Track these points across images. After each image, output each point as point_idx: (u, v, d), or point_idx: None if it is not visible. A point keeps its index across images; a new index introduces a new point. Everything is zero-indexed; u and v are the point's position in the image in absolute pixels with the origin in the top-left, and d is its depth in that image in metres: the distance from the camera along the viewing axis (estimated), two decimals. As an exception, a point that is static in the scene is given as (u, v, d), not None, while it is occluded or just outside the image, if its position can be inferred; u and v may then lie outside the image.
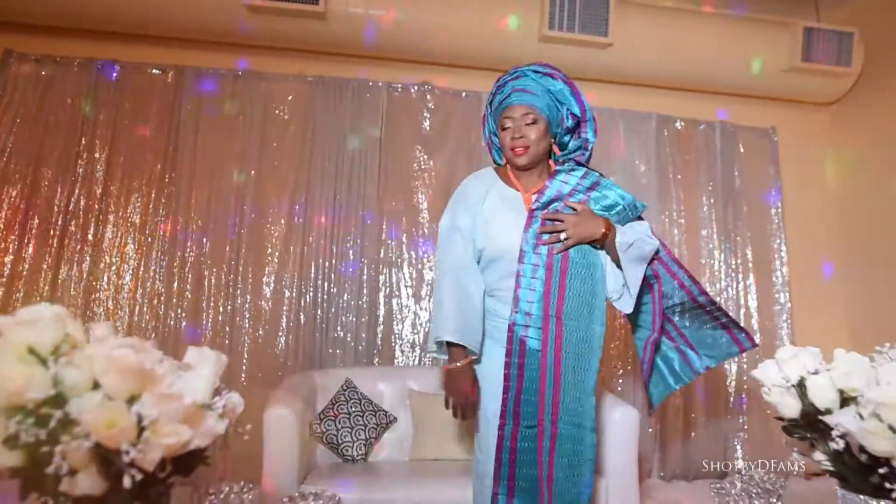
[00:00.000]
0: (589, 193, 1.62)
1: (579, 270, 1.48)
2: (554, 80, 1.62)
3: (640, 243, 1.55)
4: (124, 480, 0.58)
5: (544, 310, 1.44)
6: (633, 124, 3.74)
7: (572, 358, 1.45)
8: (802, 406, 0.83)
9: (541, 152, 1.61)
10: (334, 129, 3.34)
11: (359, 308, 3.18)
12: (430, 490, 1.84)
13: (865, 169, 3.94)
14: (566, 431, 1.41)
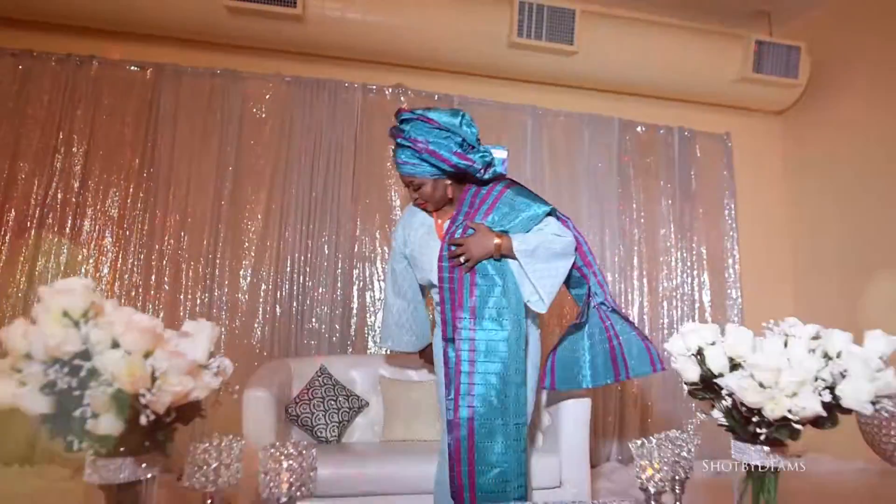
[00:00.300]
0: (492, 209, 1.76)
1: (485, 283, 1.68)
2: (416, 150, 1.73)
3: (547, 243, 1.71)
4: (141, 418, 0.72)
5: (457, 315, 1.70)
6: (596, 128, 3.95)
7: (482, 355, 1.65)
8: (701, 371, 1.01)
9: (440, 197, 1.79)
10: (310, 128, 3.46)
11: (333, 300, 3.31)
12: (399, 466, 1.99)
13: (813, 173, 4.24)
14: (480, 414, 1.64)
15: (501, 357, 1.66)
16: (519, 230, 1.73)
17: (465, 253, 1.68)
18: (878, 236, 3.57)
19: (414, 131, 1.73)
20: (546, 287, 1.69)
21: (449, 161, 1.70)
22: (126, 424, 0.74)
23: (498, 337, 1.66)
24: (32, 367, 0.72)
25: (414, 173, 1.75)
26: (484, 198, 1.79)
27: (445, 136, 1.71)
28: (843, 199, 3.87)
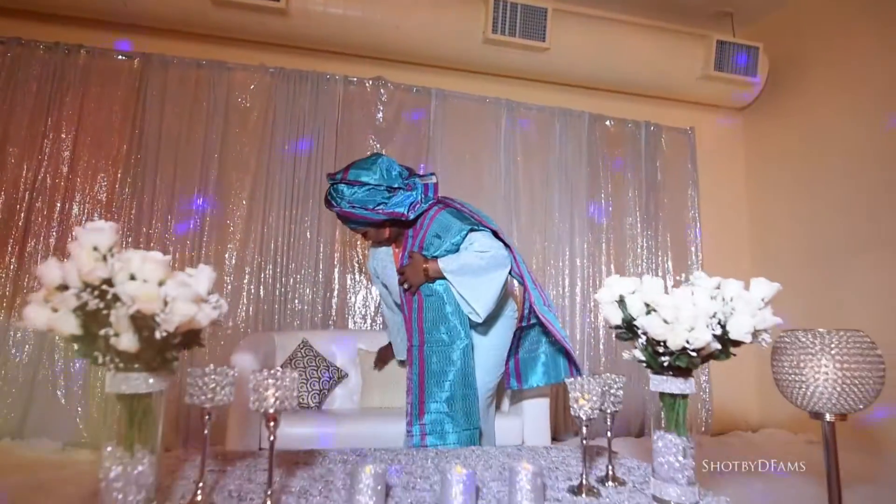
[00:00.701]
0: (425, 236, 1.98)
1: (430, 302, 1.94)
2: (350, 215, 1.94)
3: (471, 259, 1.89)
4: (155, 334, 0.89)
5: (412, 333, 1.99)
6: (567, 122, 4.16)
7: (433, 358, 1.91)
8: (623, 315, 1.21)
9: (386, 236, 2.03)
10: (293, 118, 3.61)
11: (315, 282, 3.47)
12: (373, 427, 2.17)
13: (772, 166, 4.51)
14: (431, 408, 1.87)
15: (454, 367, 1.89)
16: (449, 252, 1.92)
17: (406, 280, 1.94)
18: (831, 225, 3.83)
19: (340, 197, 1.93)
20: (479, 299, 1.88)
21: (375, 220, 1.94)
22: (141, 343, 0.91)
23: (449, 350, 1.90)
24: (66, 295, 0.88)
25: (354, 228, 2.01)
26: (421, 224, 2.00)
27: (369, 190, 1.90)
28: (799, 191, 4.14)
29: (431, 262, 1.91)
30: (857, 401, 1.52)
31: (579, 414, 1.25)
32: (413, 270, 1.92)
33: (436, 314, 1.92)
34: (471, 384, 1.93)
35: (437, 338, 1.92)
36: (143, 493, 0.96)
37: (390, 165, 1.97)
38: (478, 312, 1.89)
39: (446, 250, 1.92)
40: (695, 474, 1.20)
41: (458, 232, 1.92)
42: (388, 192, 1.91)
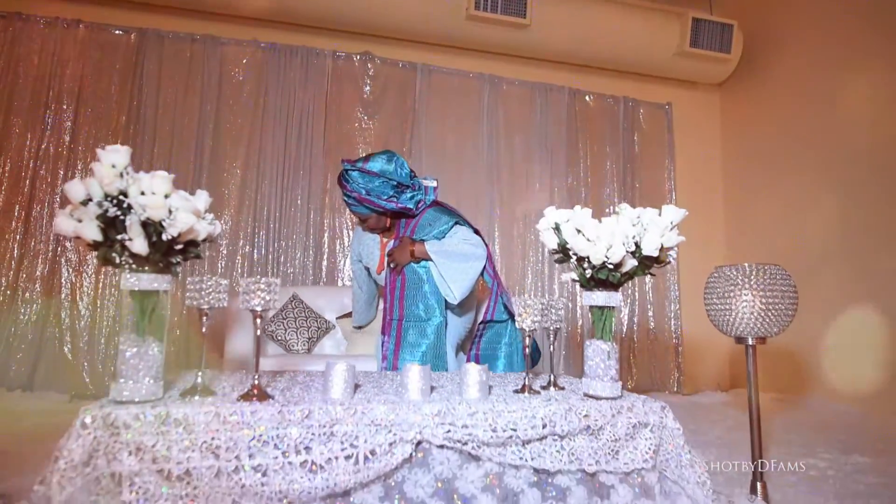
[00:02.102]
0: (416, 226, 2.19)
1: (411, 281, 2.15)
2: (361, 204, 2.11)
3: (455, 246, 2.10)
4: (163, 236, 1.09)
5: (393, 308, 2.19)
6: (548, 97, 4.34)
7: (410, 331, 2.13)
8: (558, 240, 1.41)
9: (383, 226, 2.22)
10: (284, 90, 3.78)
11: (306, 246, 3.67)
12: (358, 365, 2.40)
13: (746, 141, 4.71)
14: None
15: (428, 340, 2.09)
16: (433, 239, 2.12)
17: (392, 262, 2.14)
18: (805, 198, 4.03)
19: (354, 183, 2.09)
20: (457, 281, 2.05)
21: (385, 208, 2.11)
22: (150, 247, 1.11)
23: (425, 325, 2.13)
24: (89, 206, 1.08)
25: (359, 213, 2.16)
26: (411, 218, 2.22)
27: (382, 182, 2.08)
28: (774, 164, 4.34)
29: (418, 244, 2.10)
30: (774, 325, 1.74)
31: (523, 326, 1.46)
32: (400, 251, 2.11)
33: (416, 292, 2.15)
34: (441, 356, 2.14)
35: (415, 313, 2.14)
36: (152, 372, 1.17)
37: (403, 164, 2.16)
38: (454, 294, 2.09)
39: (433, 237, 2.12)
40: (618, 374, 1.42)
41: (445, 222, 2.13)
42: (398, 187, 2.10)
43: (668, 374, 4.43)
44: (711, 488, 1.30)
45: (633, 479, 1.32)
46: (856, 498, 1.98)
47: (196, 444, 1.11)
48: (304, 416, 1.16)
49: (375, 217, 2.16)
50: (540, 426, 1.25)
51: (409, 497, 1.20)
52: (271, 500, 1.12)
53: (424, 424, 1.20)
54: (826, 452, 2.60)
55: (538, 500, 1.26)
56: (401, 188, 2.12)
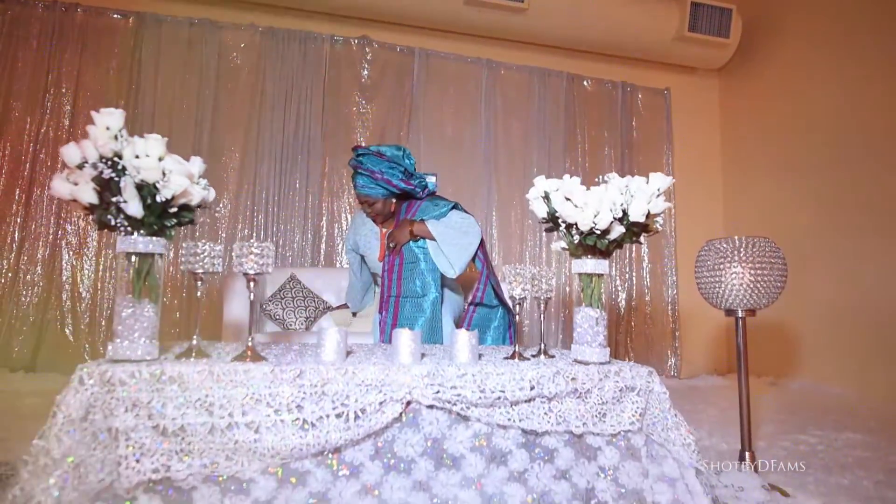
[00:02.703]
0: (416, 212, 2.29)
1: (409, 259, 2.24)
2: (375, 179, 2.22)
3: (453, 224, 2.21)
4: (157, 198, 1.11)
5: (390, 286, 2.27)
6: (546, 81, 4.34)
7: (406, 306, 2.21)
8: (548, 209, 1.43)
9: (387, 211, 2.31)
10: (282, 75, 3.79)
11: (304, 230, 3.70)
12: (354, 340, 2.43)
13: (746, 126, 4.71)
14: None
15: (424, 315, 2.18)
16: (432, 219, 2.24)
17: (392, 240, 2.23)
18: (804, 183, 4.04)
19: (369, 163, 2.21)
20: (456, 255, 2.16)
21: (398, 186, 2.22)
22: (145, 210, 1.13)
23: (421, 301, 2.20)
24: (85, 169, 1.10)
25: (370, 194, 2.25)
26: (410, 207, 2.33)
27: (392, 167, 2.21)
28: (773, 150, 4.34)
29: (417, 223, 2.20)
30: (764, 297, 1.76)
31: (512, 294, 1.48)
32: (400, 230, 2.22)
33: (412, 270, 2.23)
34: (437, 331, 2.20)
35: (412, 289, 2.21)
36: (147, 333, 1.20)
37: (410, 156, 2.31)
38: (454, 269, 2.18)
39: (433, 217, 2.23)
40: (606, 341, 1.44)
41: (444, 206, 2.26)
42: (405, 174, 2.24)
43: (665, 359, 4.46)
44: (696, 450, 1.33)
45: (619, 441, 1.35)
46: (843, 469, 2.01)
47: (190, 401, 1.13)
48: (295, 375, 1.19)
49: (383, 201, 2.27)
50: (528, 388, 1.27)
51: (399, 456, 1.23)
52: (264, 456, 1.15)
53: (414, 385, 1.23)
54: (818, 430, 2.63)
55: (526, 461, 1.29)
56: (408, 175, 2.26)
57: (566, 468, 1.31)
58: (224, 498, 1.14)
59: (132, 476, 1.09)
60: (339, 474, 1.20)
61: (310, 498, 1.17)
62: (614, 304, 4.38)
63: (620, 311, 4.41)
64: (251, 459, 1.15)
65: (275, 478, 1.17)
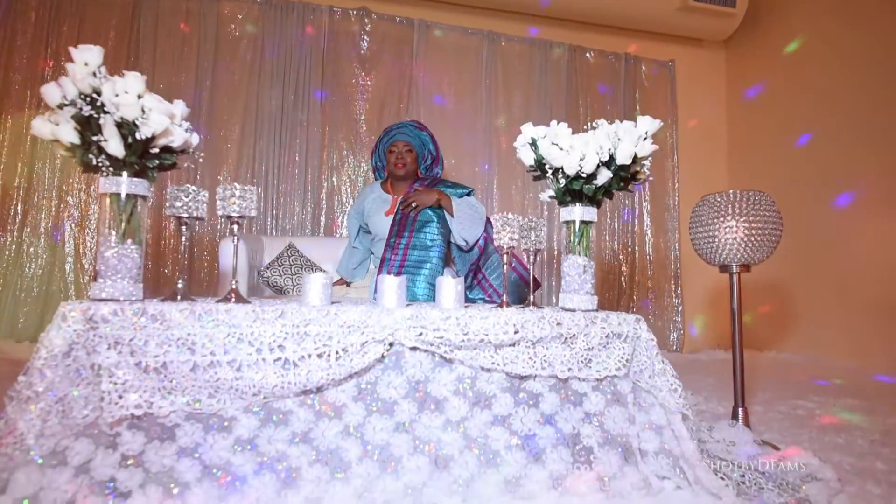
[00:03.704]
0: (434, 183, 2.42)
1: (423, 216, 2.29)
2: (422, 132, 2.47)
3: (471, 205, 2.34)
4: (136, 135, 1.11)
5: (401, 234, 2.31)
6: (548, 54, 4.28)
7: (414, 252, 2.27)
8: (535, 156, 1.41)
9: (412, 171, 2.46)
10: (281, 47, 3.77)
11: (304, 202, 3.70)
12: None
13: (752, 98, 4.62)
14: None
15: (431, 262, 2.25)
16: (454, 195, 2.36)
17: (415, 200, 2.27)
18: (814, 157, 3.97)
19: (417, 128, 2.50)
20: (467, 231, 2.26)
21: (431, 151, 2.50)
22: (126, 149, 1.13)
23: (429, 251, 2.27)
24: (65, 109, 1.10)
25: (410, 142, 2.44)
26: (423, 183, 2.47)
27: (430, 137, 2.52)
28: (779, 122, 4.26)
29: (446, 197, 2.29)
30: (758, 251, 1.74)
31: (501, 243, 1.47)
32: (426, 193, 2.28)
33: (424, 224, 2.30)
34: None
35: (422, 239, 2.27)
36: (131, 273, 1.20)
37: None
38: (466, 242, 2.28)
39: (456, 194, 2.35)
40: (594, 289, 1.43)
41: (463, 189, 2.39)
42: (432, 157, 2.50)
43: (668, 334, 4.44)
44: (682, 395, 1.32)
45: (605, 387, 1.34)
46: (838, 430, 2.00)
47: (172, 339, 1.14)
48: (277, 315, 1.19)
49: (414, 157, 2.44)
50: (511, 331, 1.27)
51: (382, 398, 1.23)
52: (245, 394, 1.15)
53: (397, 327, 1.22)
54: (817, 396, 2.61)
55: (510, 405, 1.29)
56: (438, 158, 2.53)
57: (551, 413, 1.30)
58: (207, 435, 1.15)
59: (115, 411, 1.10)
60: (322, 414, 1.20)
61: (293, 437, 1.18)
62: (615, 278, 4.36)
63: (623, 287, 4.38)
64: (233, 398, 1.16)
65: (257, 416, 1.18)
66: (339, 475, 1.17)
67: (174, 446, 1.14)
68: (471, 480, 1.22)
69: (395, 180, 2.50)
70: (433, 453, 1.22)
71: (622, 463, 1.29)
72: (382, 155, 2.56)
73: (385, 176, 2.55)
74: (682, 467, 1.31)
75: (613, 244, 4.39)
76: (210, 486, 1.13)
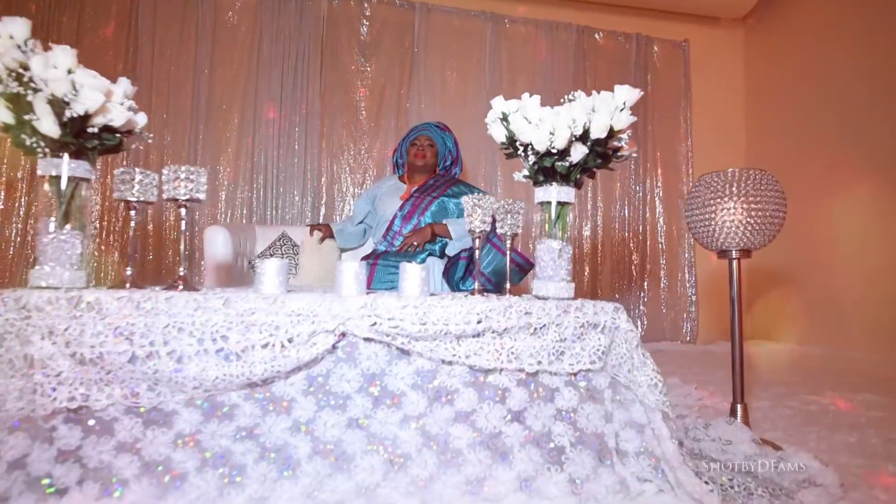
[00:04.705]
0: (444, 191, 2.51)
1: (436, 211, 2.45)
2: (445, 133, 2.65)
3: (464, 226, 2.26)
4: (67, 113, 1.05)
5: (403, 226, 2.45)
6: (554, 35, 4.12)
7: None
8: (506, 132, 1.31)
9: (431, 164, 2.60)
10: (280, 34, 3.70)
11: (304, 191, 3.64)
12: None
13: (773, 80, 4.39)
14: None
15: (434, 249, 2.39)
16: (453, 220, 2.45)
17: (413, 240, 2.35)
18: (841, 144, 3.75)
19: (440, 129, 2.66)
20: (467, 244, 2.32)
21: (451, 150, 2.64)
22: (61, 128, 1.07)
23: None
24: (-7, 85, 1.05)
25: (433, 137, 2.60)
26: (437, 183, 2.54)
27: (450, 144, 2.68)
28: (801, 105, 4.03)
29: (439, 225, 2.39)
30: (759, 235, 1.60)
31: (472, 227, 1.38)
32: (419, 233, 2.37)
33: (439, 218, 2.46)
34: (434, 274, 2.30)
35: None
36: (72, 260, 1.15)
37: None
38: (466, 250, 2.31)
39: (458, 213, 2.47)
40: (570, 275, 1.33)
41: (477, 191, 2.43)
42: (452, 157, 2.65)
43: (681, 325, 4.28)
44: (664, 391, 1.21)
45: (579, 382, 1.24)
46: (852, 429, 1.85)
47: (109, 329, 1.08)
48: (220, 303, 1.12)
49: (434, 152, 2.58)
50: (474, 321, 1.17)
51: (335, 391, 1.16)
52: (185, 387, 1.09)
53: (348, 316, 1.14)
54: (833, 391, 2.45)
55: (474, 401, 1.20)
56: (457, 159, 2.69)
57: (519, 409, 1.21)
58: (146, 430, 1.09)
59: (48, 404, 1.05)
60: (269, 409, 1.13)
61: (237, 432, 1.12)
62: (625, 267, 4.21)
63: (633, 276, 4.23)
64: (173, 391, 1.09)
65: (200, 410, 1.11)
66: (286, 473, 1.10)
67: (113, 441, 1.08)
68: (430, 480, 1.14)
69: (413, 172, 2.59)
70: (389, 451, 1.15)
71: (596, 464, 1.19)
72: (404, 151, 2.68)
73: (404, 172, 2.67)
74: (664, 469, 1.21)
75: (624, 232, 4.24)
76: (149, 484, 1.07)
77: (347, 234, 2.70)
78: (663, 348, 3.98)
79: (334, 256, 2.71)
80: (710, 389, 2.48)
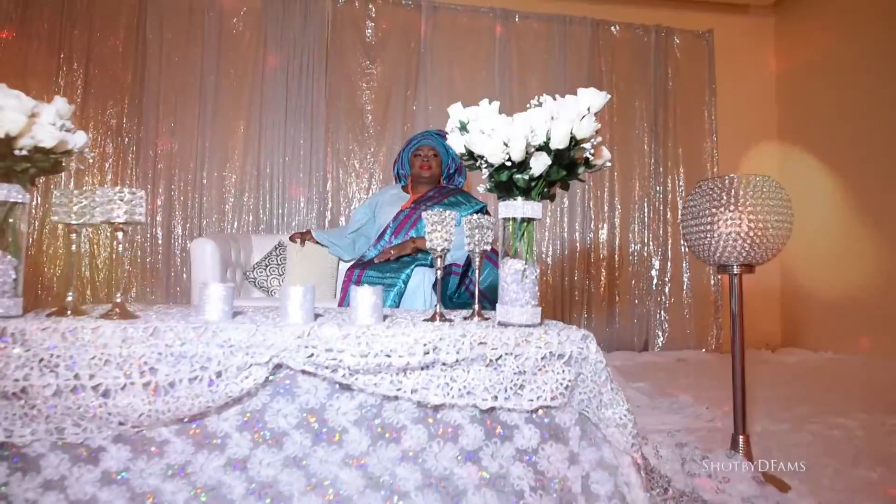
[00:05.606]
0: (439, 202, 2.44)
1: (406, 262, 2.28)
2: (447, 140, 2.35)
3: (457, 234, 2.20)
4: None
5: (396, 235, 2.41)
6: (568, 30, 3.96)
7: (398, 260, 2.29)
8: (465, 142, 1.20)
9: (436, 175, 2.55)
10: (285, 38, 3.67)
11: (309, 196, 3.61)
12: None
13: (806, 72, 4.11)
14: None
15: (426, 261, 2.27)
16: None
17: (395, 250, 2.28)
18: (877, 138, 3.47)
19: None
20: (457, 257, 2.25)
21: (455, 160, 2.57)
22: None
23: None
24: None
25: (437, 147, 2.53)
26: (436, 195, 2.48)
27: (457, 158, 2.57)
28: (840, 98, 3.74)
29: (419, 240, 2.31)
30: (762, 249, 1.45)
31: (433, 246, 1.28)
32: (400, 246, 2.30)
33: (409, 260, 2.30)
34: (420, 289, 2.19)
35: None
36: (5, 288, 1.11)
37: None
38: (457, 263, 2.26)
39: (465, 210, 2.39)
40: (537, 299, 1.21)
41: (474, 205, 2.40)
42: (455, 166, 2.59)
43: (707, 332, 4.06)
44: (635, 433, 1.09)
45: (541, 419, 1.13)
46: (879, 460, 1.66)
47: (34, 361, 1.03)
48: (148, 334, 1.05)
49: (437, 163, 2.52)
50: (420, 353, 1.07)
51: (271, 427, 1.08)
52: (111, 423, 1.03)
53: (284, 347, 1.06)
54: (864, 412, 2.23)
55: (423, 439, 1.10)
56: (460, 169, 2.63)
57: (473, 449, 1.10)
58: (73, 466, 1.04)
59: (-31, 441, 1.01)
60: (202, 446, 1.06)
61: (167, 469, 1.05)
62: (644, 270, 4.01)
63: (654, 280, 4.03)
64: (99, 426, 1.04)
65: (128, 447, 1.05)
66: (218, 516, 1.03)
67: (39, 478, 1.03)
68: (373, 526, 1.05)
69: (417, 183, 2.54)
70: (329, 493, 1.06)
71: (558, 511, 1.07)
72: (405, 162, 2.62)
73: (407, 183, 2.61)
74: (638, 517, 1.08)
75: (644, 234, 4.04)
76: (74, 525, 1.01)
77: (335, 249, 2.68)
78: (686, 357, 3.78)
79: (326, 264, 2.65)
80: (725, 409, 2.30)
